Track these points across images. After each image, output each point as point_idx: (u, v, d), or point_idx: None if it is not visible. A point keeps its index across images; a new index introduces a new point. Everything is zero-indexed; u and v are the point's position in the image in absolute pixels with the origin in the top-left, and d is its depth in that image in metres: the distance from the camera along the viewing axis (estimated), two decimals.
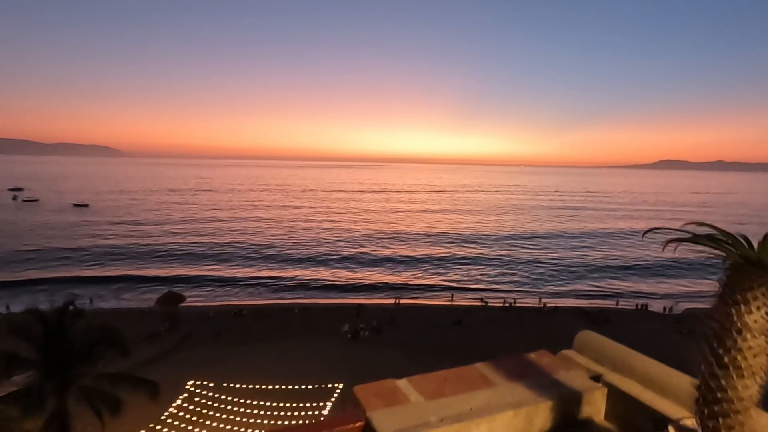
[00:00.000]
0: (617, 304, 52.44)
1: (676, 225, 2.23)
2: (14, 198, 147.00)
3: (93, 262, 67.99)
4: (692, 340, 1.89)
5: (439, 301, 53.44)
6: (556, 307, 48.86)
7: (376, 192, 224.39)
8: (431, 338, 39.10)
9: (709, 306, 1.95)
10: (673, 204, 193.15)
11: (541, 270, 69.59)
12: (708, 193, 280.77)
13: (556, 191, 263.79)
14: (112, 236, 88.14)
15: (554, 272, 68.23)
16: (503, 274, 66.56)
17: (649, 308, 49.61)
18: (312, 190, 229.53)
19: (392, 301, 51.29)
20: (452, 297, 54.50)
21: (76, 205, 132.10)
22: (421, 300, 53.39)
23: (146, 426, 23.00)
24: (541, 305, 49.52)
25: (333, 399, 26.06)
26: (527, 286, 61.35)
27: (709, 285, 2.04)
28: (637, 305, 50.87)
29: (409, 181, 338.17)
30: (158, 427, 23.31)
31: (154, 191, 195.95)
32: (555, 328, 42.37)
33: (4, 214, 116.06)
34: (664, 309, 48.99)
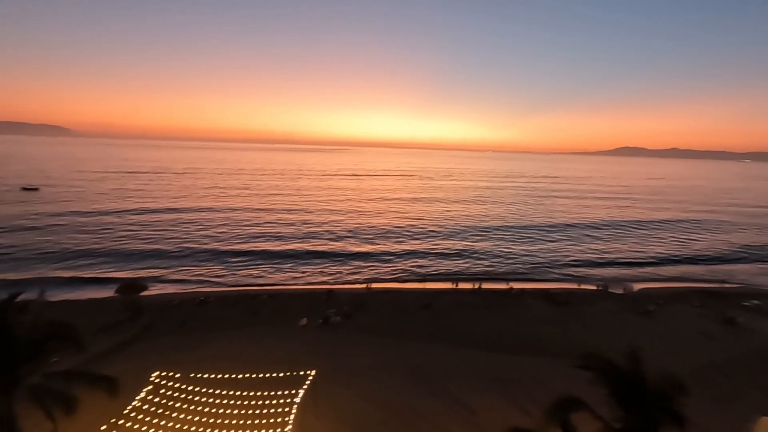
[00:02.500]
0: (579, 285, 54.57)
1: (634, 211, 1.89)
2: None
3: (44, 250, 63.80)
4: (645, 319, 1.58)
5: (410, 285, 53.80)
6: (522, 290, 50.21)
7: (345, 177, 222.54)
8: (401, 322, 39.35)
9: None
10: (632, 190, 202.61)
11: (509, 254, 71.33)
12: (663, 179, 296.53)
13: (522, 177, 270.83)
14: (64, 222, 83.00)
15: (521, 256, 70.11)
16: (472, 258, 67.76)
17: (609, 290, 51.82)
18: (279, 174, 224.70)
19: (363, 286, 51.17)
20: (424, 280, 55.07)
21: (25, 189, 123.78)
22: (392, 284, 53.55)
23: (108, 422, 21.90)
24: (508, 288, 50.76)
25: (305, 386, 25.68)
26: (495, 269, 62.76)
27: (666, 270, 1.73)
28: (597, 286, 53.09)
29: (378, 166, 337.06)
30: (121, 422, 22.24)
31: (108, 173, 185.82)
32: (520, 310, 43.64)
33: None
34: (624, 290, 51.34)
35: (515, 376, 29.42)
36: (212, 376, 26.76)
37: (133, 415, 23.06)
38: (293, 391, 25.01)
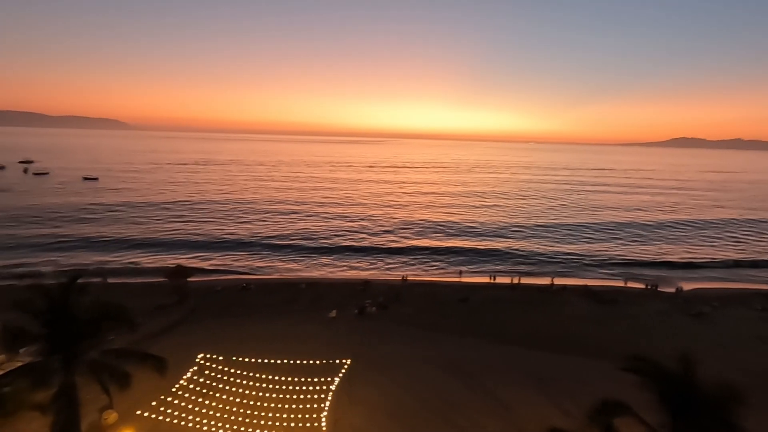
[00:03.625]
0: (626, 284, 51.94)
1: (689, 207, 1.61)
2: (25, 171, 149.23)
3: (103, 236, 68.57)
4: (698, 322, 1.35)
5: (447, 278, 53.33)
6: (564, 286, 48.47)
7: (383, 169, 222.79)
8: (436, 315, 39.14)
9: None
10: (686, 184, 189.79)
11: (550, 250, 68.98)
12: (723, 172, 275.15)
13: (566, 169, 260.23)
14: (121, 209, 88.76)
15: (563, 253, 67.60)
16: (511, 253, 66.07)
17: (659, 289, 48.98)
18: (316, 166, 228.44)
19: (399, 278, 51.26)
20: (460, 274, 54.39)
21: (86, 179, 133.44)
22: (428, 277, 53.30)
23: (157, 398, 23.33)
24: (549, 284, 49.17)
25: (341, 374, 26.20)
26: (535, 265, 60.92)
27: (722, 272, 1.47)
28: (646, 285, 50.30)
29: (416, 158, 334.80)
30: (169, 399, 23.64)
31: (159, 165, 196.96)
32: (561, 307, 42.17)
33: (16, 185, 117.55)
34: (676, 290, 48.34)
35: (554, 374, 28.53)
36: (252, 360, 27.86)
37: (180, 393, 24.45)
38: (329, 379, 25.59)
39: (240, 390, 24.99)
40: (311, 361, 27.73)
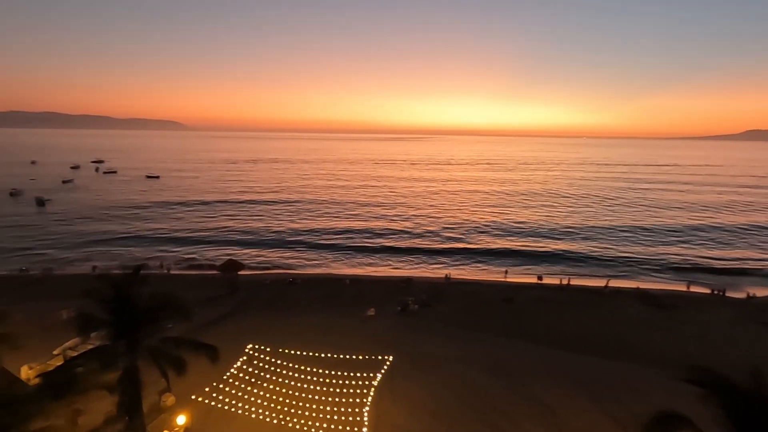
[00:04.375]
0: (688, 288, 48.23)
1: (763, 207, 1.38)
2: (96, 170, 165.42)
3: (164, 231, 73.52)
4: None
5: (491, 277, 52.13)
6: (618, 289, 45.89)
7: (427, 166, 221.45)
8: (481, 315, 38.40)
9: None
10: (763, 181, 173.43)
11: (604, 252, 65.49)
12: None
13: (622, 165, 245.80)
14: (180, 206, 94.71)
15: (618, 255, 63.94)
16: (561, 254, 63.40)
17: (727, 294, 45.10)
18: (361, 163, 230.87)
19: (442, 276, 50.81)
20: (506, 273, 52.98)
21: (148, 177, 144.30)
22: (472, 276, 52.39)
23: (210, 385, 24.66)
24: (603, 286, 46.72)
25: (383, 371, 26.41)
26: (587, 265, 58.10)
27: None
28: (712, 290, 46.46)
29: (461, 155, 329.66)
30: (221, 386, 24.92)
31: (214, 163, 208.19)
32: (614, 310, 39.95)
33: (89, 183, 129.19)
34: (747, 296, 44.31)
35: (605, 381, 27.10)
36: (297, 352, 28.73)
37: (230, 380, 25.71)
38: (371, 374, 25.86)
39: (286, 381, 25.85)
40: (354, 356, 28.16)
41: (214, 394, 24.23)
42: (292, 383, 25.59)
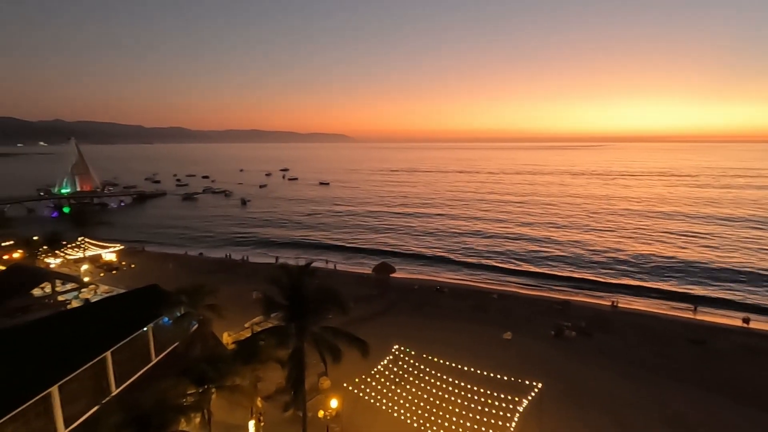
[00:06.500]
0: None
1: None
2: (283, 177, 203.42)
3: (332, 230, 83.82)
4: None
5: (674, 311, 43.36)
6: None
7: (594, 178, 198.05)
8: (657, 354, 32.22)
9: None
10: None
11: None
12: None
13: None
14: (346, 210, 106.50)
15: None
16: None
17: None
18: (519, 173, 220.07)
19: (607, 302, 44.55)
20: (695, 310, 43.39)
21: (321, 183, 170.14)
22: (646, 307, 44.52)
23: (359, 376, 26.67)
24: None
25: (530, 397, 24.45)
26: None
27: None
28: None
29: (641, 166, 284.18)
30: (368, 380, 26.70)
31: (374, 172, 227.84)
32: None
33: (278, 188, 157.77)
34: None
35: None
36: (441, 361, 28.77)
37: (377, 376, 27.29)
38: (516, 398, 24.18)
39: (428, 387, 26.16)
40: (498, 375, 26.79)
41: (363, 386, 26.05)
42: (434, 390, 25.73)
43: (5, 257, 47.04)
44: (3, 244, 50.54)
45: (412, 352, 29.61)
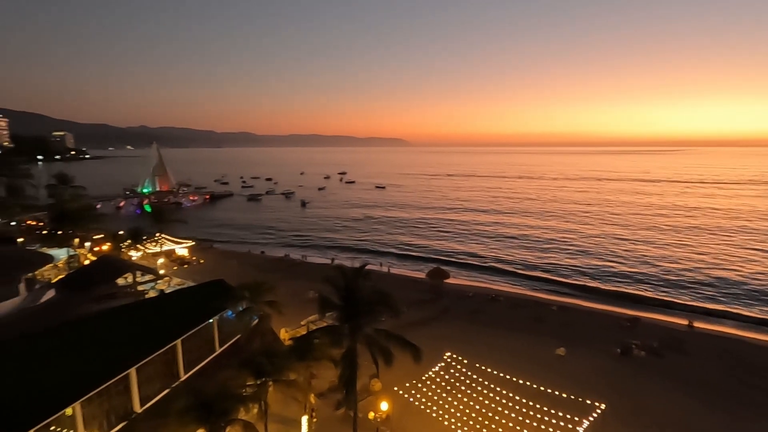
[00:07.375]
0: None
1: None
2: (341, 180, 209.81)
3: (386, 233, 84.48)
4: None
5: (765, 335, 38.64)
6: None
7: (676, 185, 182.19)
8: (743, 384, 28.84)
9: None
10: None
11: None
12: None
13: None
14: (400, 214, 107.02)
15: None
16: None
17: None
18: (585, 180, 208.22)
19: (683, 321, 40.70)
20: None
21: (377, 187, 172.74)
22: (731, 329, 40.08)
23: (410, 381, 26.58)
24: None
25: (591, 418, 22.96)
26: None
27: None
28: None
29: (731, 172, 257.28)
30: (419, 385, 26.54)
31: (429, 176, 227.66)
32: None
33: (336, 190, 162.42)
34: None
35: None
36: (494, 372, 27.90)
37: (428, 382, 27.04)
38: (576, 419, 22.83)
39: (480, 397, 25.48)
40: (557, 392, 25.45)
41: (413, 391, 25.93)
42: (486, 402, 25.00)
43: (96, 249, 52.59)
44: (95, 237, 56.56)
45: (465, 360, 29.01)
